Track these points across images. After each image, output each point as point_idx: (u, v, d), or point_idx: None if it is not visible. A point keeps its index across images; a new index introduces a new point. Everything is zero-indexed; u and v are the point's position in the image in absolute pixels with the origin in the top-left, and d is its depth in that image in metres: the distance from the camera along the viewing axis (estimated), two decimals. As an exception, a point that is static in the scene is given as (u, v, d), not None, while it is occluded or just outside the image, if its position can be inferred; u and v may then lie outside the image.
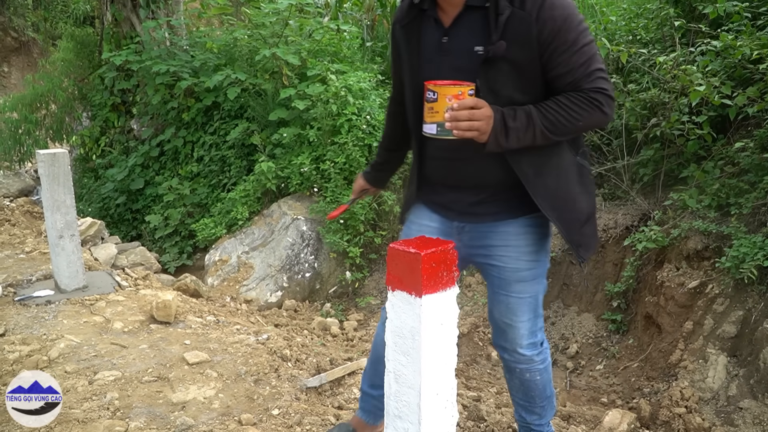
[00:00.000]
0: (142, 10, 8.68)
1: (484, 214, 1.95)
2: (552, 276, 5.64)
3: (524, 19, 1.68)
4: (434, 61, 1.80)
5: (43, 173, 3.81)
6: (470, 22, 1.75)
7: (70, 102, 9.91)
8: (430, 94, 1.68)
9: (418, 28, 1.83)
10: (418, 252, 1.60)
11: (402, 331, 1.71)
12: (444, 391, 1.78)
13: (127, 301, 3.82)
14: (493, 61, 1.72)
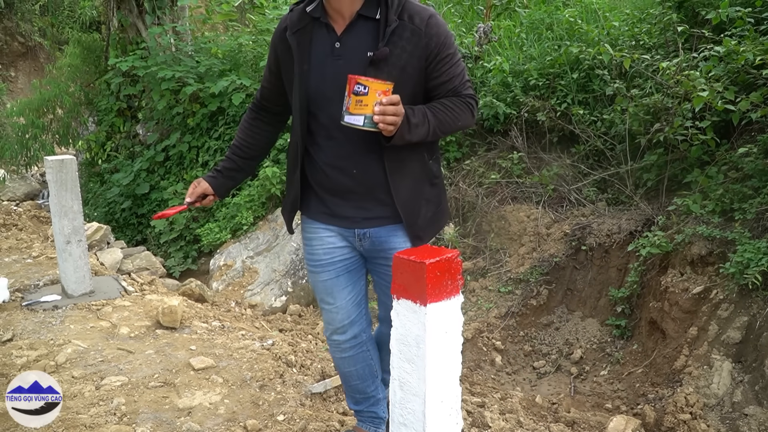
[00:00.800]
0: (148, 16, 8.74)
1: (378, 218, 2.06)
2: (556, 281, 5.66)
3: (415, 31, 1.89)
4: (326, 63, 1.92)
5: (51, 179, 3.85)
6: (362, 30, 1.92)
7: (76, 107, 9.99)
8: (360, 87, 1.76)
9: (309, 34, 1.94)
10: (423, 261, 1.62)
11: (407, 339, 1.73)
12: (449, 399, 1.79)
13: (134, 306, 3.85)
14: (378, 63, 1.87)
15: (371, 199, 2.04)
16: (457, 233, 6.50)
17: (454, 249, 1.75)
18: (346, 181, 2.01)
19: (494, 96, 7.20)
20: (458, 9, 10.80)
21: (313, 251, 2.13)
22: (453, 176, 7.13)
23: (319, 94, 1.94)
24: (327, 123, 1.96)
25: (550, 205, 6.33)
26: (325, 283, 2.17)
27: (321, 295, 2.22)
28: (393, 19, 1.88)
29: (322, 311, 2.26)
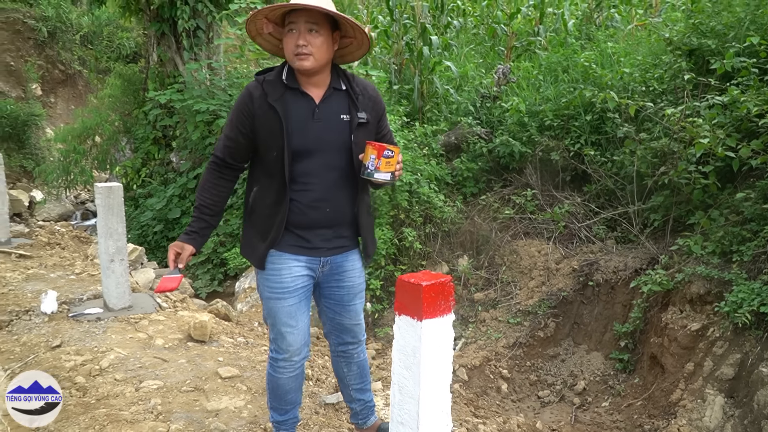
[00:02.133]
0: (186, 52, 9.31)
1: (341, 247, 2.50)
2: (563, 315, 5.90)
3: (372, 99, 2.46)
4: (308, 125, 2.33)
5: (100, 204, 4.27)
6: (334, 99, 2.39)
7: (115, 135, 10.56)
8: (389, 152, 2.30)
9: (287, 101, 2.32)
10: (420, 283, 1.95)
11: (406, 349, 2.06)
12: (440, 402, 2.10)
13: (167, 320, 4.22)
14: (361, 126, 2.39)
15: (336, 231, 2.46)
16: (471, 265, 6.80)
17: (447, 275, 2.08)
18: (320, 218, 2.40)
19: (510, 135, 7.56)
20: (479, 49, 11.24)
21: (282, 279, 2.40)
22: (469, 210, 7.46)
23: (303, 150, 2.32)
24: (307, 172, 2.35)
25: (560, 241, 6.61)
26: (290, 307, 2.43)
27: (284, 319, 2.43)
28: (356, 90, 2.41)
29: (281, 336, 2.46)
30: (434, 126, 8.08)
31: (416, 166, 7.07)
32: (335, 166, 2.38)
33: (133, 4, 10.06)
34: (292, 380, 2.59)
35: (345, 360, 2.74)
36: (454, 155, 8.00)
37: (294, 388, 2.63)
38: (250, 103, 2.31)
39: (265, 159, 2.37)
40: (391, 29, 9.98)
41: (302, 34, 2.25)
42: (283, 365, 2.53)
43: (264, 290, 2.46)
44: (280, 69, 2.37)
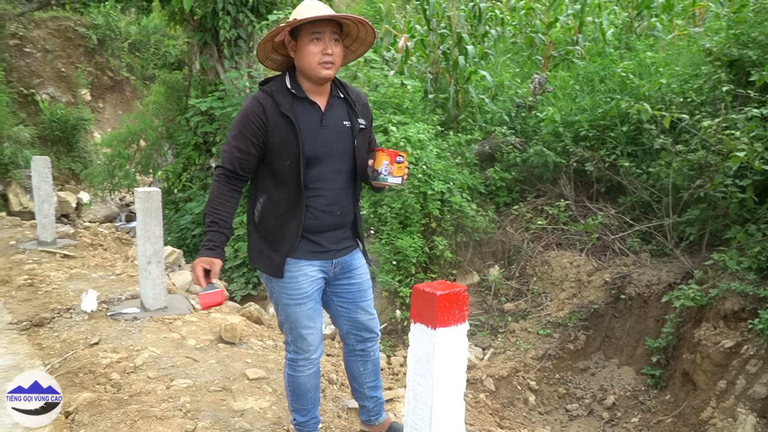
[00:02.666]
0: (227, 60, 9.56)
1: (348, 247, 2.61)
2: (594, 328, 5.85)
3: (365, 105, 2.60)
4: (317, 132, 2.41)
5: (139, 208, 4.44)
6: (336, 106, 2.49)
7: (158, 140, 10.89)
8: (401, 158, 2.45)
9: (297, 110, 2.39)
10: (434, 292, 2.01)
11: (420, 356, 2.11)
12: (453, 410, 2.15)
13: (200, 322, 4.35)
14: (360, 130, 2.51)
15: (344, 233, 2.57)
16: (502, 275, 6.79)
17: (462, 285, 2.12)
18: (332, 221, 2.49)
19: (545, 145, 7.53)
20: (516, 59, 11.21)
21: (300, 286, 2.46)
22: (501, 220, 7.45)
23: (314, 157, 2.39)
24: (319, 177, 2.43)
25: (593, 253, 6.56)
26: (309, 311, 2.50)
27: (303, 322, 2.50)
28: (353, 98, 2.54)
29: (301, 338, 2.53)
30: (468, 135, 8.10)
31: (449, 175, 7.10)
32: (341, 171, 2.49)
33: (178, 15, 10.37)
34: (311, 378, 2.67)
35: (362, 358, 2.79)
36: (488, 165, 8.01)
37: (313, 387, 2.71)
38: (262, 114, 2.35)
39: (277, 168, 2.42)
40: (428, 38, 10.05)
41: (328, 44, 2.34)
42: (303, 364, 2.61)
43: (281, 297, 2.50)
44: (281, 79, 2.43)
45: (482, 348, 6.10)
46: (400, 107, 8.02)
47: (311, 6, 2.34)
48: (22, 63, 17.75)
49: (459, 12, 9.84)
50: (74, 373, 3.45)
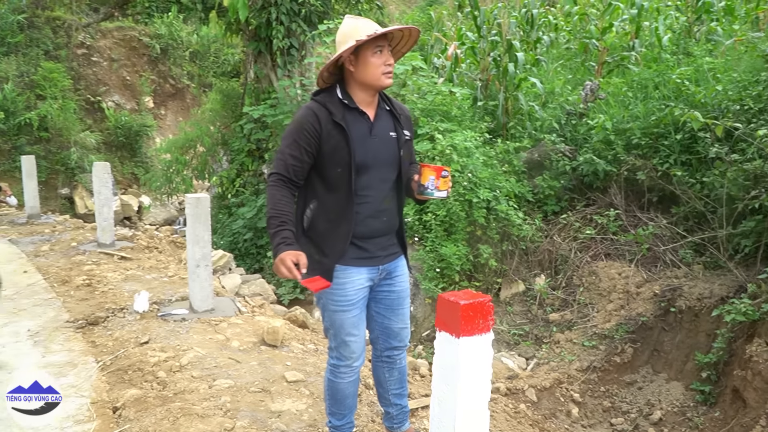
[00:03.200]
0: (280, 69, 9.80)
1: (394, 253, 2.67)
2: (642, 341, 5.72)
3: (408, 118, 2.68)
4: (366, 141, 2.49)
5: (189, 213, 4.63)
6: (383, 117, 2.58)
7: (214, 146, 11.24)
8: (446, 173, 2.50)
9: (349, 120, 2.47)
10: (458, 302, 2.04)
11: (444, 364, 2.15)
12: (478, 418, 2.17)
13: (245, 324, 4.49)
14: (405, 141, 2.61)
15: (390, 239, 2.64)
16: (548, 285, 6.72)
17: (487, 295, 2.15)
18: (379, 227, 2.57)
19: (595, 153, 7.41)
20: (569, 65, 11.06)
21: (346, 293, 2.51)
22: (549, 229, 7.37)
23: (363, 165, 2.47)
24: (367, 185, 2.51)
25: (643, 264, 6.41)
26: (354, 318, 2.55)
27: (348, 330, 2.56)
28: (397, 110, 2.63)
29: (345, 345, 2.58)
30: (517, 143, 8.05)
31: (495, 183, 7.08)
32: (387, 179, 2.57)
33: (234, 25, 10.69)
34: (351, 385, 2.73)
35: (388, 365, 2.84)
36: (537, 173, 7.93)
37: (352, 393, 2.78)
38: (316, 123, 2.44)
39: (328, 175, 2.49)
40: (478, 46, 10.04)
41: (389, 56, 2.47)
42: (345, 371, 2.66)
43: (328, 303, 2.55)
44: (332, 91, 2.52)
45: (526, 358, 6.04)
46: (447, 115, 8.04)
47: (367, 23, 2.46)
48: (90, 72, 18.61)
49: (509, 19, 9.79)
50: (124, 370, 3.62)
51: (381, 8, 12.13)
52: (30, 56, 16.28)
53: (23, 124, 14.61)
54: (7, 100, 14.22)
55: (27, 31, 16.69)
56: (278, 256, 2.31)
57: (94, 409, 3.17)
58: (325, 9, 9.94)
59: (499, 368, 5.69)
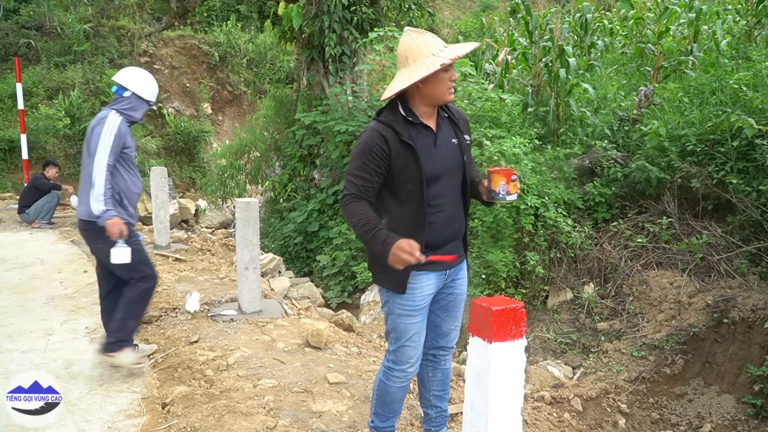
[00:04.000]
0: (331, 76, 9.97)
1: (460, 257, 2.71)
2: (693, 352, 5.58)
3: (465, 121, 2.74)
4: (433, 153, 2.55)
5: (239, 216, 4.79)
6: (443, 126, 2.63)
7: (267, 152, 11.51)
8: (515, 176, 2.55)
9: (414, 136, 2.52)
10: (490, 308, 2.08)
11: (477, 369, 2.18)
12: (510, 423, 2.20)
13: (290, 326, 4.62)
14: (468, 145, 2.68)
15: (457, 244, 2.68)
16: (596, 293, 6.61)
17: (520, 302, 2.17)
18: (450, 234, 2.61)
19: (648, 160, 7.25)
20: (624, 70, 10.85)
21: (414, 299, 2.56)
22: (599, 237, 7.25)
23: (433, 176, 2.52)
24: (438, 194, 2.56)
25: (696, 273, 6.23)
26: (417, 324, 2.60)
27: (409, 335, 2.60)
28: (456, 116, 2.68)
29: (403, 350, 2.63)
30: (568, 149, 7.96)
31: (544, 189, 7.02)
32: (455, 185, 2.63)
33: (288, 33, 10.94)
34: (400, 390, 2.78)
35: (433, 364, 2.88)
36: (587, 179, 7.81)
37: (399, 398, 2.83)
38: (384, 145, 2.48)
39: (399, 191, 2.55)
40: (530, 51, 9.97)
41: (453, 71, 2.53)
42: (398, 375, 2.70)
43: (395, 307, 2.60)
44: (394, 108, 2.55)
45: (572, 367, 5.96)
46: (497, 121, 8.02)
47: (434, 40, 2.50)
48: (152, 79, 19.32)
49: (562, 24, 9.69)
50: (174, 367, 3.79)
51: (432, 15, 12.18)
52: (95, 64, 17.05)
53: (88, 130, 15.26)
54: (73, 106, 14.92)
55: (93, 40, 17.49)
56: (392, 247, 2.33)
57: (144, 404, 3.34)
58: (376, 17, 10.07)
59: (545, 376, 5.64)
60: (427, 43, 2.47)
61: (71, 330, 4.50)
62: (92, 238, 3.62)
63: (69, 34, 17.07)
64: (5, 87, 15.57)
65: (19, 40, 16.73)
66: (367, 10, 9.75)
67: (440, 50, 2.46)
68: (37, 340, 4.28)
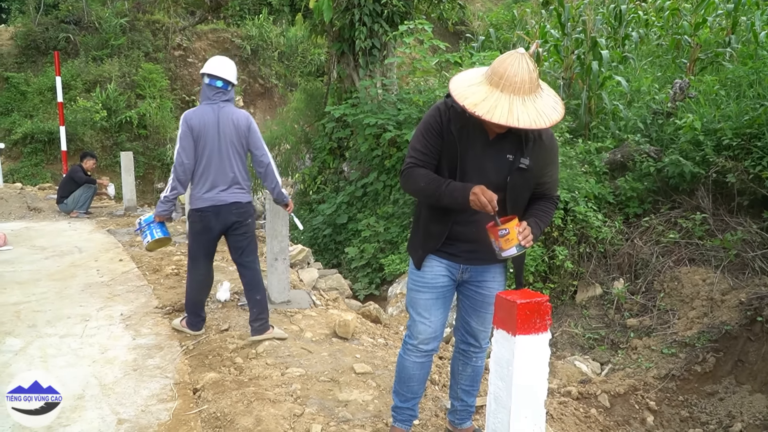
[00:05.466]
0: (361, 69, 10.00)
1: (480, 259, 2.70)
2: (725, 350, 5.49)
3: (542, 146, 2.52)
4: (479, 156, 2.50)
5: (268, 208, 4.87)
6: (509, 137, 2.50)
7: (297, 144, 11.62)
8: (504, 231, 2.41)
9: (464, 132, 2.50)
10: (515, 301, 2.09)
11: (501, 361, 2.20)
12: (533, 416, 2.21)
13: (318, 317, 4.68)
14: (519, 169, 2.51)
15: (479, 246, 2.63)
16: (626, 289, 6.54)
17: (545, 295, 2.18)
18: (470, 235, 2.63)
19: (682, 154, 7.13)
20: (659, 62, 10.65)
21: (424, 275, 2.72)
22: (630, 232, 7.16)
23: (466, 176, 2.52)
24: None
25: (729, 270, 6.12)
26: (426, 301, 2.73)
27: (419, 310, 2.74)
28: (531, 136, 2.48)
29: (414, 324, 2.77)
30: (599, 143, 7.86)
31: (574, 183, 6.95)
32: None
33: (319, 26, 11.00)
34: (417, 367, 2.86)
35: (463, 359, 2.96)
36: (619, 174, 7.72)
37: (417, 377, 2.89)
38: (439, 121, 2.51)
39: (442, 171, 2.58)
40: (562, 43, 9.86)
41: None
42: (411, 350, 2.83)
43: (409, 282, 2.81)
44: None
45: (600, 363, 5.92)
46: (526, 114, 7.94)
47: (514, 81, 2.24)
48: (185, 72, 19.63)
49: (596, 16, 9.55)
50: (204, 355, 3.88)
51: (463, 7, 12.11)
52: (131, 58, 17.38)
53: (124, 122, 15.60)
54: (110, 99, 15.26)
55: (129, 34, 17.83)
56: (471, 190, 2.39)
57: (176, 389, 3.43)
58: (407, 9, 10.06)
59: (572, 371, 5.61)
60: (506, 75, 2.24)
61: (107, 316, 4.64)
62: (247, 219, 4.15)
63: (106, 29, 17.43)
64: (45, 80, 16.01)
65: (58, 34, 17.16)
66: (398, 2, 9.75)
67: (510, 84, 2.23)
68: (74, 325, 4.42)
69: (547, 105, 2.29)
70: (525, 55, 2.29)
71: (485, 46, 13.44)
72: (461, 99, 2.27)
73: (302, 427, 3.02)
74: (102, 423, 3.06)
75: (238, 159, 4.06)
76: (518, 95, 2.24)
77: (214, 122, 3.96)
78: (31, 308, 4.81)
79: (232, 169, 4.02)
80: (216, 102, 4.01)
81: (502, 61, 2.29)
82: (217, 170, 3.98)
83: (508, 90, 2.24)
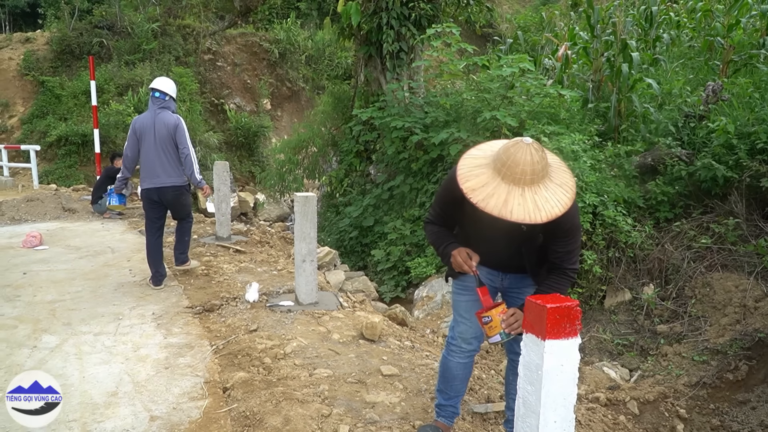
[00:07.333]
0: (389, 72, 10.03)
1: (518, 267, 2.80)
2: (759, 358, 5.38)
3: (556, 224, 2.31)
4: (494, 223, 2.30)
5: (297, 210, 4.91)
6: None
7: (324, 147, 11.69)
8: (487, 318, 2.56)
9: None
10: (545, 305, 2.09)
11: (530, 365, 2.20)
12: (562, 421, 2.20)
13: (345, 318, 4.71)
14: (531, 237, 2.59)
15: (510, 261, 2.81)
16: (656, 295, 6.45)
17: (575, 300, 2.17)
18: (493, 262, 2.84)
19: (715, 158, 7.01)
20: (691, 64, 10.49)
21: (464, 279, 2.85)
22: (660, 237, 7.06)
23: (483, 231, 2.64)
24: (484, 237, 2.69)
25: (763, 277, 6.00)
26: (465, 303, 2.87)
27: (460, 311, 2.91)
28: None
29: (456, 324, 2.93)
30: (629, 146, 7.77)
31: (603, 187, 6.89)
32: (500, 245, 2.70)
33: (346, 30, 11.06)
34: (460, 367, 2.99)
35: (512, 368, 2.99)
36: (650, 177, 7.61)
37: (460, 377, 3.02)
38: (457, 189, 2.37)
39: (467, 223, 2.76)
40: (591, 46, 9.77)
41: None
42: (454, 349, 2.97)
43: (453, 286, 2.97)
44: None
45: (629, 369, 5.84)
46: (555, 117, 7.90)
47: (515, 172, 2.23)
48: (215, 76, 19.89)
49: (626, 18, 9.44)
50: (234, 354, 3.93)
51: (491, 10, 12.07)
52: (162, 62, 17.66)
53: (155, 125, 15.81)
54: (141, 102, 15.51)
55: (160, 39, 18.13)
56: (451, 253, 2.65)
57: (206, 388, 3.48)
58: (434, 12, 10.07)
59: (600, 378, 5.55)
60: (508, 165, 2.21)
61: (139, 315, 4.73)
62: (181, 195, 5.45)
63: (138, 33, 17.75)
64: (79, 84, 16.36)
65: (92, 39, 17.54)
66: (425, 6, 9.76)
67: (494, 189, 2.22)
68: (108, 324, 4.52)
69: (550, 197, 2.23)
70: (532, 144, 2.23)
71: (513, 49, 13.38)
72: (462, 181, 2.29)
73: (330, 428, 3.05)
74: (135, 419, 3.12)
75: (170, 151, 5.29)
76: (518, 186, 2.21)
77: (151, 125, 5.27)
78: (66, 306, 4.92)
79: (167, 159, 5.27)
80: (154, 109, 5.30)
81: (507, 148, 2.25)
82: (153, 160, 5.26)
83: (509, 179, 2.22)
